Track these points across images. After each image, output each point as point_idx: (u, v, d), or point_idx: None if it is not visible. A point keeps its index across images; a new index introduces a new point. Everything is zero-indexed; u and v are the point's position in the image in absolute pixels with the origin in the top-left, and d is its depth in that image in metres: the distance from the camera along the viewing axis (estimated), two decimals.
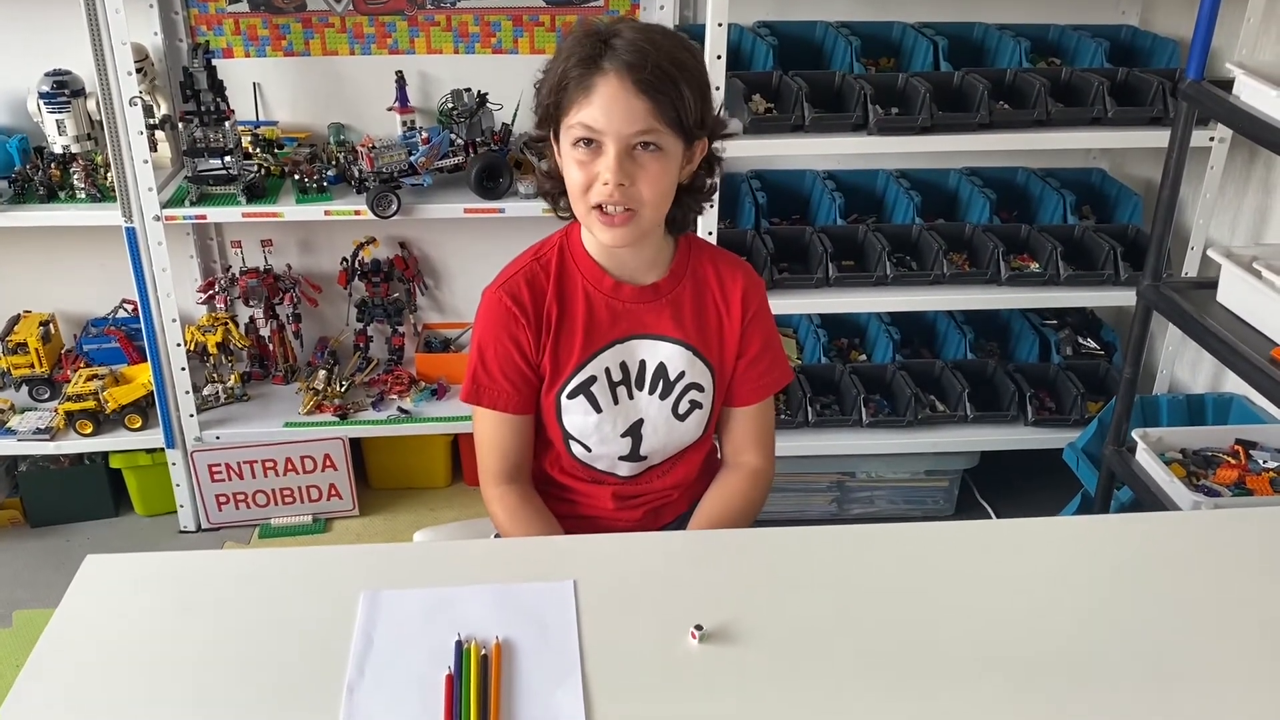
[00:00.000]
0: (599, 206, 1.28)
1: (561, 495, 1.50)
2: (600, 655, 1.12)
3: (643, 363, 1.41)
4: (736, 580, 1.24)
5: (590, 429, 1.42)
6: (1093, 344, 2.77)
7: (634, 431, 1.43)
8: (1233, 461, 2.04)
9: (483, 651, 1.11)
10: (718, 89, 2.18)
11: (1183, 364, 2.66)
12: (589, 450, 1.43)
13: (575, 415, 1.41)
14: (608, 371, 1.40)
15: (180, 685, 1.08)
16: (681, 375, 1.41)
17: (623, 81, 1.22)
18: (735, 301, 1.42)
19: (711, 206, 1.44)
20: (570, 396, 1.40)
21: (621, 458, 1.44)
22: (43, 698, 1.06)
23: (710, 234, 2.34)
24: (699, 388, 1.42)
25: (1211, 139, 2.37)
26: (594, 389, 1.40)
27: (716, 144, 1.37)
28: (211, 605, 1.19)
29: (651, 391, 1.42)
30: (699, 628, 1.14)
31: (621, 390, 1.41)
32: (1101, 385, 2.64)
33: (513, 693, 1.07)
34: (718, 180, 1.41)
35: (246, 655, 1.11)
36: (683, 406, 1.43)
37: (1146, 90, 2.38)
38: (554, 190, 1.37)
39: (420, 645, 1.13)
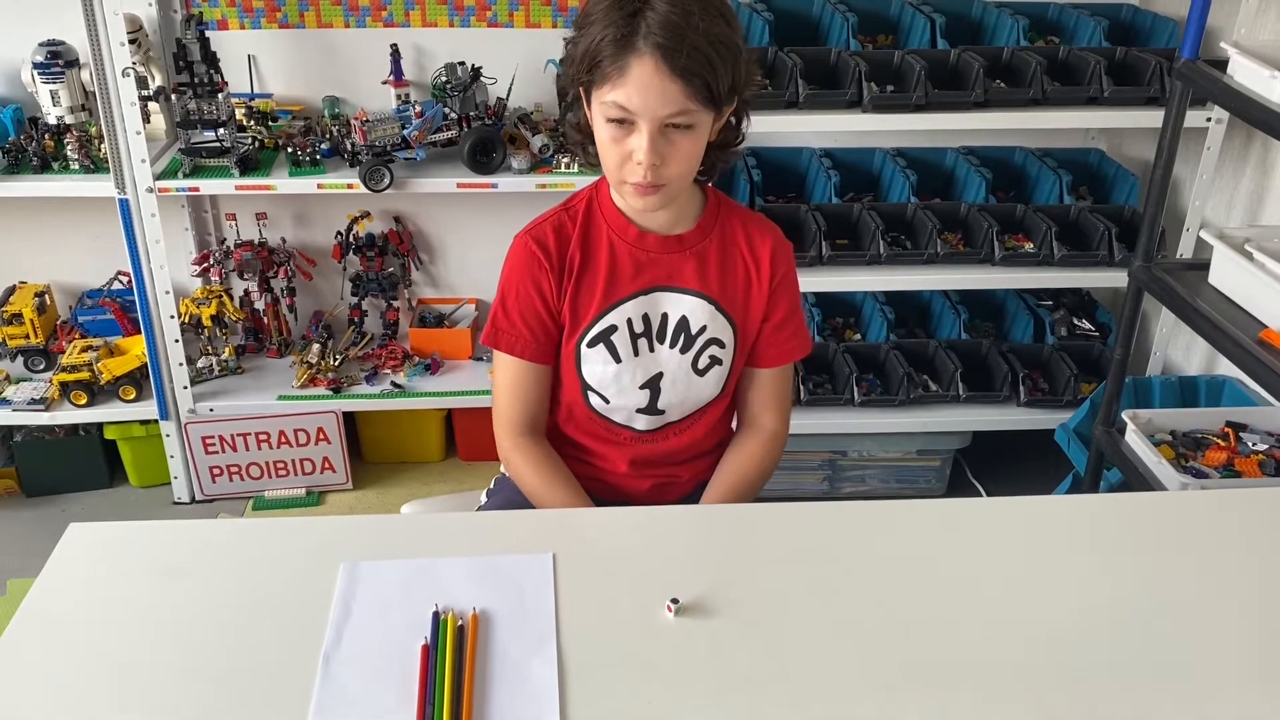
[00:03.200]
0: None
1: (575, 455, 1.50)
2: (576, 627, 1.12)
3: (665, 316, 1.41)
4: (715, 555, 1.25)
5: (609, 379, 1.41)
6: (1088, 325, 2.76)
7: (652, 384, 1.43)
8: (1222, 444, 2.04)
9: (459, 623, 1.12)
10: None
11: (1177, 346, 2.65)
12: (607, 402, 1.43)
13: (594, 365, 1.41)
14: (629, 322, 1.40)
15: (158, 652, 1.08)
16: (703, 329, 1.41)
17: (658, 65, 1.20)
18: (765, 262, 1.42)
19: (730, 161, 1.44)
20: (590, 345, 1.40)
21: (639, 410, 1.44)
22: (23, 664, 1.07)
23: None
24: (720, 343, 1.42)
25: (1208, 119, 2.36)
26: (614, 339, 1.40)
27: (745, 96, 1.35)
28: (193, 574, 1.19)
29: (672, 345, 1.42)
30: (675, 601, 1.14)
31: (642, 342, 1.41)
32: (1095, 366, 2.64)
33: (488, 663, 1.08)
34: (745, 130, 1.39)
35: (226, 624, 1.12)
36: (702, 362, 1.43)
37: (1144, 70, 2.37)
38: (582, 141, 1.37)
39: (398, 616, 1.14)
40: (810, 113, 2.33)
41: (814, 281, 2.49)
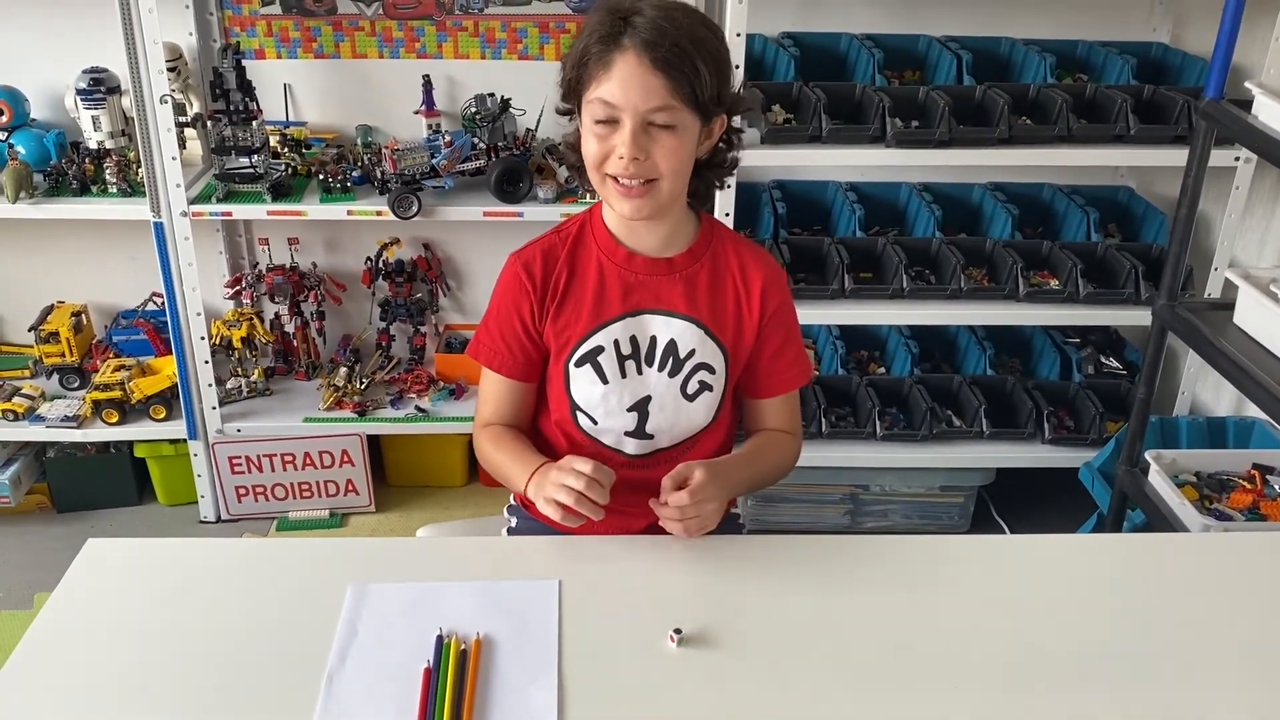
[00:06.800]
0: (614, 177, 1.31)
1: None
2: (578, 655, 1.13)
3: (653, 339, 1.41)
4: (722, 586, 1.25)
5: (596, 400, 1.42)
6: (1115, 363, 2.74)
7: (640, 407, 1.43)
8: (1248, 486, 2.01)
9: (462, 647, 1.13)
10: (737, 67, 2.19)
11: (1205, 386, 2.62)
12: (595, 423, 1.44)
13: (582, 385, 1.42)
14: (616, 344, 1.41)
15: (166, 668, 1.10)
16: (692, 353, 1.41)
17: (640, 59, 1.25)
18: (756, 292, 1.42)
19: (727, 186, 1.47)
20: (577, 365, 1.41)
21: (628, 433, 1.44)
22: (35, 676, 1.10)
23: None
24: (709, 368, 1.42)
25: (1237, 159, 2.34)
26: (601, 359, 1.41)
27: (737, 120, 1.39)
28: (205, 591, 1.22)
29: (661, 369, 1.42)
30: (678, 631, 1.15)
31: (630, 365, 1.42)
32: (1122, 405, 2.61)
33: (488, 688, 1.09)
34: (738, 155, 1.43)
35: (234, 641, 1.14)
36: (691, 386, 1.43)
37: (1172, 108, 2.36)
38: (578, 163, 1.40)
39: (402, 638, 1.15)
40: (834, 147, 2.34)
41: (836, 314, 2.49)
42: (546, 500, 1.29)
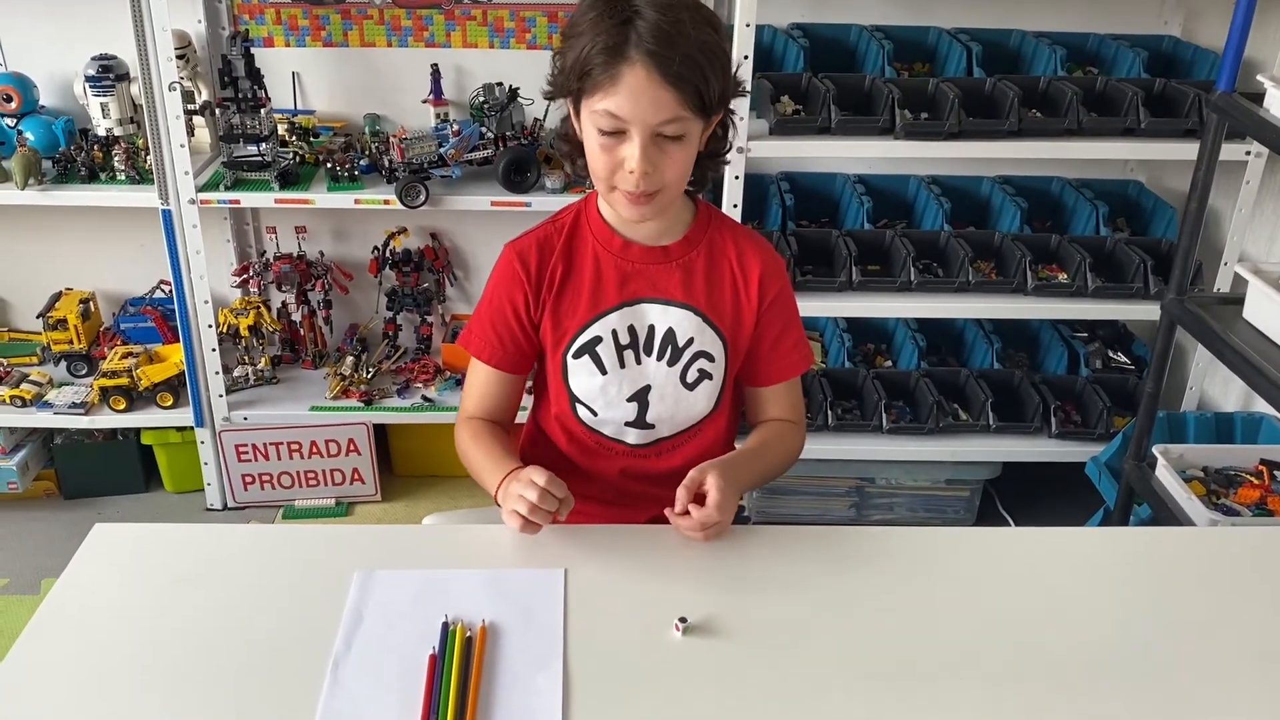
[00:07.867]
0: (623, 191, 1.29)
1: (568, 477, 1.48)
2: (583, 643, 1.13)
3: (651, 328, 1.40)
4: (727, 576, 1.25)
5: (596, 391, 1.42)
6: (1123, 358, 2.73)
7: (640, 397, 1.42)
8: (1255, 482, 2.01)
9: (468, 634, 1.13)
10: (746, 58, 2.18)
11: (1214, 381, 2.61)
12: (595, 414, 1.44)
13: (581, 376, 1.42)
14: (614, 334, 1.40)
15: (172, 653, 1.11)
16: (690, 342, 1.40)
17: (650, 73, 1.21)
18: (754, 279, 1.41)
19: (720, 169, 1.46)
20: (575, 356, 1.41)
21: (628, 423, 1.44)
22: (40, 660, 1.10)
23: None
24: (708, 356, 1.41)
25: (1248, 153, 2.33)
26: (599, 350, 1.40)
27: (731, 105, 1.35)
28: (211, 577, 1.22)
29: (659, 358, 1.41)
30: (683, 620, 1.15)
31: (629, 354, 1.41)
32: (1130, 400, 2.61)
33: (493, 675, 1.09)
34: (733, 139, 1.40)
35: (240, 627, 1.14)
36: (691, 375, 1.42)
37: (1183, 102, 2.35)
38: (570, 153, 1.39)
39: (408, 625, 1.15)
40: (843, 138, 2.33)
41: (844, 306, 2.49)
42: (508, 513, 1.29)
